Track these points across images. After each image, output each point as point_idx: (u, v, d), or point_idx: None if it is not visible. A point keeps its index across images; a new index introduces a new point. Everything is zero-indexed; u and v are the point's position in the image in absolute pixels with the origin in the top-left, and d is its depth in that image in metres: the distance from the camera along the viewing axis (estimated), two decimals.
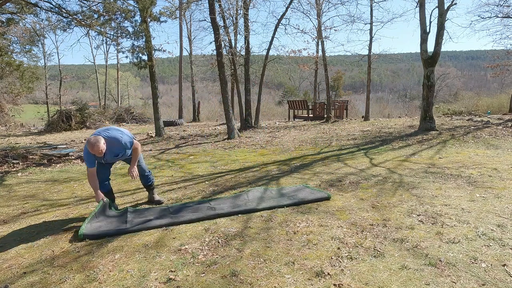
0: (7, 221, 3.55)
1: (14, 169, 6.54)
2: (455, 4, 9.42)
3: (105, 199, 3.42)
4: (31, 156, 7.60)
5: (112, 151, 3.44)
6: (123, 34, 10.32)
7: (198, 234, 2.95)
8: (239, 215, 3.39)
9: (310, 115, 16.90)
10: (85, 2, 9.24)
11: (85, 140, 11.58)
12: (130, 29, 10.49)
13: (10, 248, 2.84)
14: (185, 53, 22.24)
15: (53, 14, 9.60)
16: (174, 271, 2.31)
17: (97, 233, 2.99)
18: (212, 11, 10.12)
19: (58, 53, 51.22)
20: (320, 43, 15.55)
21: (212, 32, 10.48)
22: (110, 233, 3.01)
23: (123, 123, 19.05)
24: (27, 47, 14.57)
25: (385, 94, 59.67)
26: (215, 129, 14.10)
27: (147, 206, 3.86)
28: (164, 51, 16.46)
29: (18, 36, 13.27)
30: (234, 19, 13.46)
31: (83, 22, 9.33)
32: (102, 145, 3.21)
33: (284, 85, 48.31)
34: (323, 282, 2.12)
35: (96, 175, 3.40)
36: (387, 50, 34.93)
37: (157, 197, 4.05)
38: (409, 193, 3.96)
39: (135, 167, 3.68)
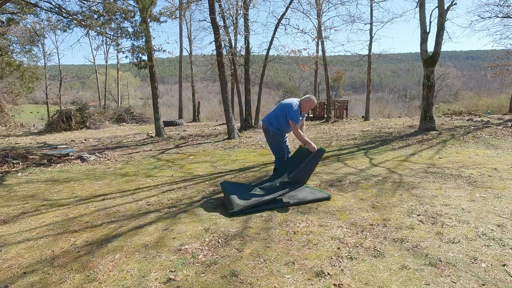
0: (7, 221, 3.55)
1: (14, 169, 6.54)
2: (455, 4, 9.44)
3: (316, 147, 3.82)
4: (31, 156, 7.60)
5: None
6: (123, 34, 10.33)
7: (198, 234, 2.95)
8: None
9: (310, 115, 16.90)
10: (85, 2, 9.24)
11: (85, 140, 11.58)
12: (130, 29, 10.51)
13: (10, 248, 2.84)
14: (185, 53, 22.30)
15: (53, 14, 9.61)
16: (174, 271, 2.31)
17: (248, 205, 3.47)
18: (212, 11, 10.12)
19: (58, 53, 51.55)
20: (320, 43, 15.58)
21: (212, 32, 10.48)
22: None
23: (123, 123, 19.05)
24: (27, 47, 14.59)
25: (385, 94, 59.71)
26: (215, 129, 14.10)
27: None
28: (164, 51, 16.51)
29: (18, 36, 13.29)
30: (234, 19, 13.49)
31: (83, 23, 9.33)
32: None
33: (284, 85, 48.31)
34: (323, 282, 2.12)
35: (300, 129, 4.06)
36: (387, 50, 35.02)
37: None
38: (409, 193, 3.96)
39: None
